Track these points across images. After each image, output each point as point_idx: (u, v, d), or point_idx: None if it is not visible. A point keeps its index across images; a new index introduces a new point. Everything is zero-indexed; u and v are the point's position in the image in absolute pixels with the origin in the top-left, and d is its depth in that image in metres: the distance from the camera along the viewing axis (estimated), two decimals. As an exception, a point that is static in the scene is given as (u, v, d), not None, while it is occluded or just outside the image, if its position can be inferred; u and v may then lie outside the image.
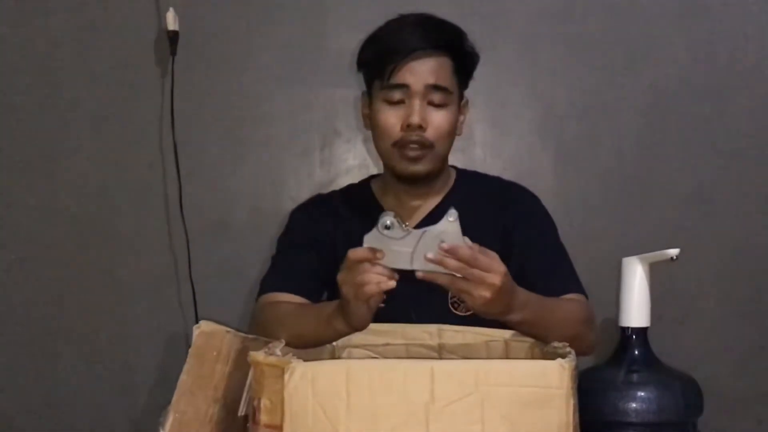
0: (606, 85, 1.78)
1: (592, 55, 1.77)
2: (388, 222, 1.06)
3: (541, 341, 1.18)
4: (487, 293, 1.06)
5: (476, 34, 1.43)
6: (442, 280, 1.06)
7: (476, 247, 1.06)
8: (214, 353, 1.13)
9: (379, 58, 1.35)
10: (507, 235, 1.39)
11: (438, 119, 1.35)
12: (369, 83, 1.41)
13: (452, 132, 1.39)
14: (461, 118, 1.43)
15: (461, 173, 1.50)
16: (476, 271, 1.05)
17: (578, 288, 1.36)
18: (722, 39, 1.77)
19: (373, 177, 1.55)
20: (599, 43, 1.77)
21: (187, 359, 1.12)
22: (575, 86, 1.78)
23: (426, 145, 1.34)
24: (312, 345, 1.24)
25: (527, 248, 1.37)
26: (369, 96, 1.41)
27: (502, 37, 1.76)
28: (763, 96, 1.77)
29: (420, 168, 1.36)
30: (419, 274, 1.06)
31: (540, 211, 1.47)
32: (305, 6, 1.78)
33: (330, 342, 1.26)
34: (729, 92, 1.77)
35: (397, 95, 1.34)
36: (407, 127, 1.33)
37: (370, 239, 1.07)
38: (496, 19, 1.77)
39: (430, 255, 1.04)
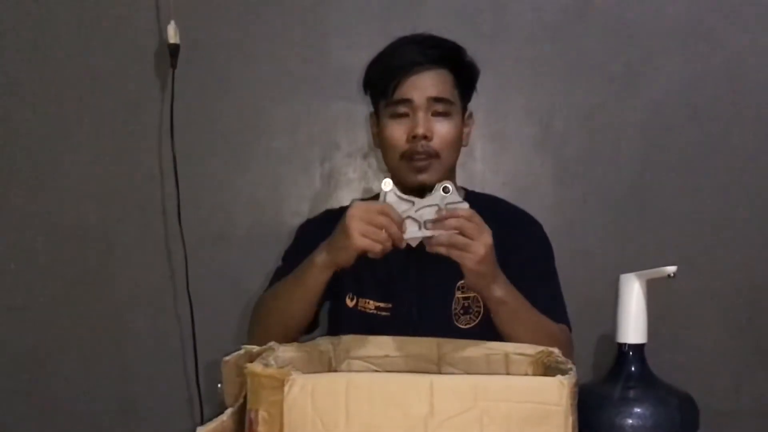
0: (605, 102, 1.79)
1: (592, 72, 1.78)
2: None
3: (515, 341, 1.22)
4: (481, 250, 1.16)
5: (476, 51, 1.46)
6: (443, 238, 1.16)
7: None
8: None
9: (382, 77, 1.40)
10: (504, 259, 1.40)
11: (443, 129, 1.39)
12: (375, 103, 1.46)
13: (457, 142, 1.42)
14: (466, 130, 1.47)
15: (470, 194, 1.51)
16: (473, 226, 1.16)
17: (562, 318, 1.39)
18: (722, 56, 1.78)
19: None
20: (599, 60, 1.78)
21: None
22: (574, 103, 1.79)
23: (432, 155, 1.37)
24: (295, 305, 1.30)
25: (519, 274, 1.38)
26: (377, 116, 1.45)
27: (502, 53, 1.77)
28: (764, 114, 1.77)
29: (427, 178, 1.38)
30: (429, 236, 1.17)
31: (538, 238, 1.49)
32: (306, 20, 1.79)
33: (309, 293, 1.29)
34: (728, 110, 1.78)
35: (401, 109, 1.39)
36: (413, 138, 1.37)
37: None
38: (496, 36, 1.77)
39: (430, 219, 1.17)
